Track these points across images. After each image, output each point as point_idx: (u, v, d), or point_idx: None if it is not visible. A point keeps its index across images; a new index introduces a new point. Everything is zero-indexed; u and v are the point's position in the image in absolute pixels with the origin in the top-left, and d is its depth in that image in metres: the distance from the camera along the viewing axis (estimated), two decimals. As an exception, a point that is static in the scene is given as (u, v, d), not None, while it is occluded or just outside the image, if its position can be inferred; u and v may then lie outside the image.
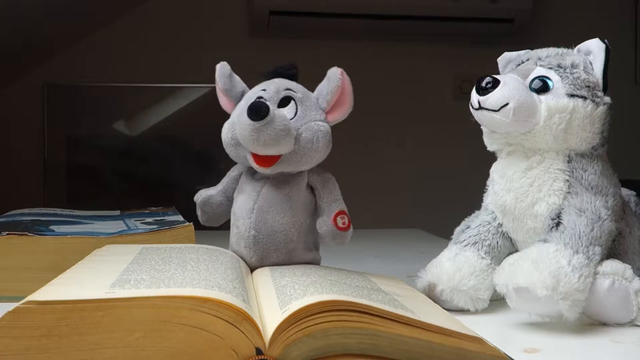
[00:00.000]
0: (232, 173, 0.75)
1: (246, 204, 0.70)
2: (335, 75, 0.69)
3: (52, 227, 0.82)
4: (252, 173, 0.72)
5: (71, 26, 2.20)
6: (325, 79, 0.70)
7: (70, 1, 1.97)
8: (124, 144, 2.40)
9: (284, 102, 0.69)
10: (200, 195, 0.75)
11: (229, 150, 0.70)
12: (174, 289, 0.47)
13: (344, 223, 0.68)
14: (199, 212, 0.75)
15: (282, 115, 0.66)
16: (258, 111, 0.64)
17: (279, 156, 0.67)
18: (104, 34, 2.32)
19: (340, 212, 0.68)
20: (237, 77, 0.72)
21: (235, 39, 2.36)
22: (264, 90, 0.70)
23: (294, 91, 0.70)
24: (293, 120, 0.68)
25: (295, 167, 0.68)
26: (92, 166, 2.38)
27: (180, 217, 0.91)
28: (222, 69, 0.72)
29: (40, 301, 0.43)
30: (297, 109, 0.68)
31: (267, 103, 0.65)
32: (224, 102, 0.73)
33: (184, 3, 2.36)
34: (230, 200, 0.73)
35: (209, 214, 0.75)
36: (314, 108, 0.69)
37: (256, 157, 0.67)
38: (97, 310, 0.44)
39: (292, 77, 0.73)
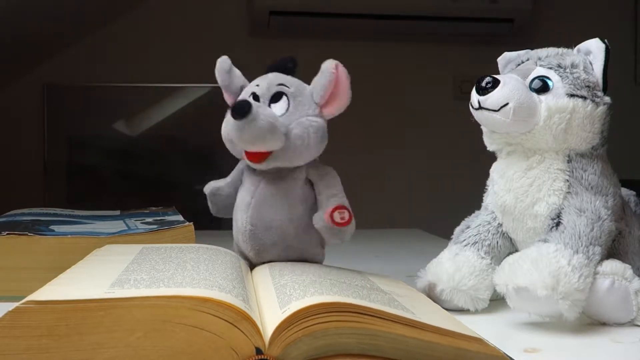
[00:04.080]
0: (240, 166, 0.74)
1: (245, 198, 0.69)
2: (328, 68, 0.67)
3: (52, 227, 0.82)
4: (252, 168, 0.70)
5: (71, 26, 2.20)
6: (320, 72, 0.68)
7: (71, 1, 1.97)
8: (124, 144, 2.40)
9: (275, 97, 0.68)
10: (209, 187, 0.74)
11: (227, 145, 0.69)
12: (174, 289, 0.47)
13: (342, 218, 0.66)
14: (209, 204, 0.74)
15: (268, 112, 0.65)
16: (239, 110, 0.63)
17: (269, 152, 0.66)
18: (104, 34, 2.32)
19: (339, 207, 0.66)
20: (236, 72, 0.71)
21: (235, 39, 2.36)
22: (257, 85, 0.69)
23: (287, 86, 0.68)
24: (284, 116, 0.66)
25: (288, 163, 0.67)
26: (92, 166, 2.38)
27: (180, 217, 0.91)
28: (221, 64, 0.71)
29: (40, 301, 0.43)
30: (289, 104, 0.67)
31: (251, 101, 0.64)
32: (226, 96, 0.72)
33: (183, 3, 2.36)
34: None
35: (219, 206, 0.74)
36: (307, 103, 0.67)
37: (247, 153, 0.67)
38: (97, 310, 0.44)
39: (288, 71, 0.71)
